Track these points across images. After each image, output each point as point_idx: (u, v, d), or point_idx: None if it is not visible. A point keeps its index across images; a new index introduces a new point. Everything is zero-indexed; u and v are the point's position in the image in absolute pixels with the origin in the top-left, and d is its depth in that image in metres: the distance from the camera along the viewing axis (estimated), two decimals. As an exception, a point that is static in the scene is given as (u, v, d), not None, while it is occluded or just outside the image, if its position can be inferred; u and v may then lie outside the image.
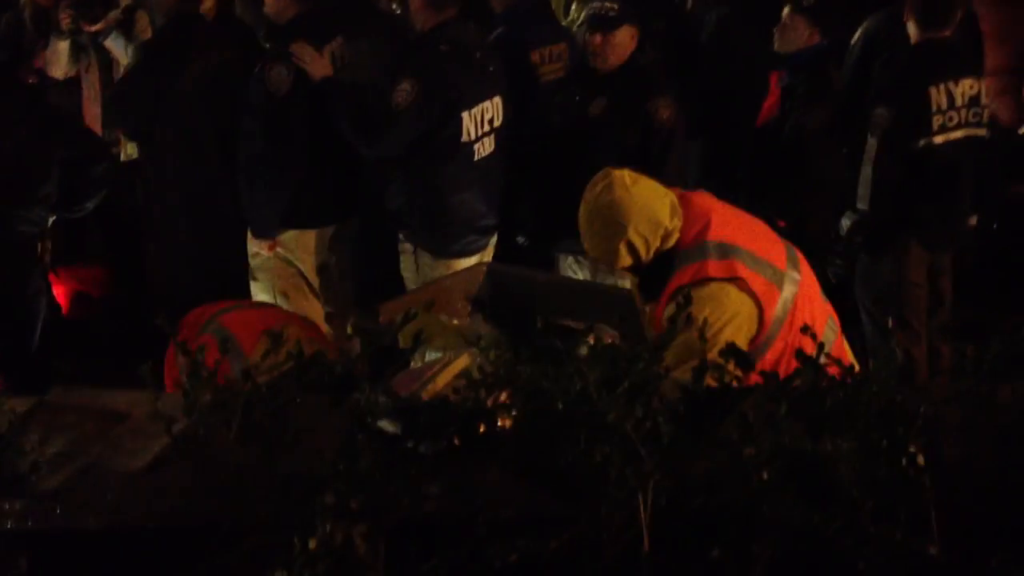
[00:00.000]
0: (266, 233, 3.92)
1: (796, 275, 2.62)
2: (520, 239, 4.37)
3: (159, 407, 1.66)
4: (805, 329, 1.68)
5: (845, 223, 3.96)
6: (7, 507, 1.59)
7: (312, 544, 1.34)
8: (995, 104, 2.56)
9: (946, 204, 3.95)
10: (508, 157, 4.14)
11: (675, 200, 2.61)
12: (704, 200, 2.70)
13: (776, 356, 2.55)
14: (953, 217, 4.00)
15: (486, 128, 4.07)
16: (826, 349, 2.40)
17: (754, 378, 1.60)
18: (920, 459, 1.44)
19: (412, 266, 4.13)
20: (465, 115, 3.95)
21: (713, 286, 2.49)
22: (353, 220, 4.16)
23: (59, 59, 4.55)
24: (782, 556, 1.29)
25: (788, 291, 2.58)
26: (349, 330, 3.15)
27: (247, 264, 3.98)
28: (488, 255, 4.23)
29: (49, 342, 3.61)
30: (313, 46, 3.79)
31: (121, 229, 4.64)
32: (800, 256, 2.75)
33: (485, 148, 4.08)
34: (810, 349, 1.62)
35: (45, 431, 1.78)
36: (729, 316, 2.48)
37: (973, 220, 4.14)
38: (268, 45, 4.03)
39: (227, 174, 3.87)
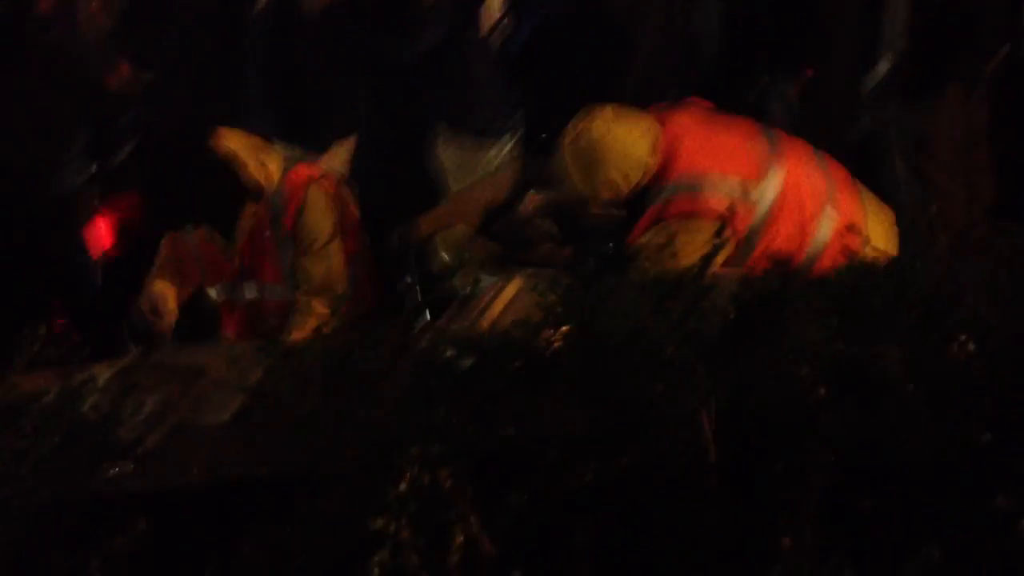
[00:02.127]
0: None
1: (777, 176, 2.66)
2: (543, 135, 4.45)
3: (236, 364, 1.77)
4: (851, 228, 1.73)
5: (880, 69, 3.92)
6: (119, 470, 1.70)
7: (403, 488, 1.44)
8: None
9: (979, 37, 3.90)
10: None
11: (656, 135, 2.64)
12: (678, 126, 2.72)
13: (765, 248, 2.63)
14: (987, 49, 3.96)
15: (496, 16, 4.13)
16: (829, 229, 2.47)
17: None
18: (970, 346, 1.50)
19: (450, 156, 4.24)
20: (481, 7, 4.00)
21: (680, 222, 2.55)
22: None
23: None
24: (843, 461, 1.37)
25: (766, 197, 2.63)
26: (391, 243, 3.25)
27: None
28: (518, 132, 4.34)
29: (109, 282, 3.72)
30: None
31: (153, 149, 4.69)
32: (786, 143, 2.77)
33: (499, 36, 4.15)
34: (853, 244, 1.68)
35: (135, 395, 1.89)
36: (697, 248, 2.53)
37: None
38: None
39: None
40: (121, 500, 1.68)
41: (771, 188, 2.64)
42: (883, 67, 3.90)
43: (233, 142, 2.91)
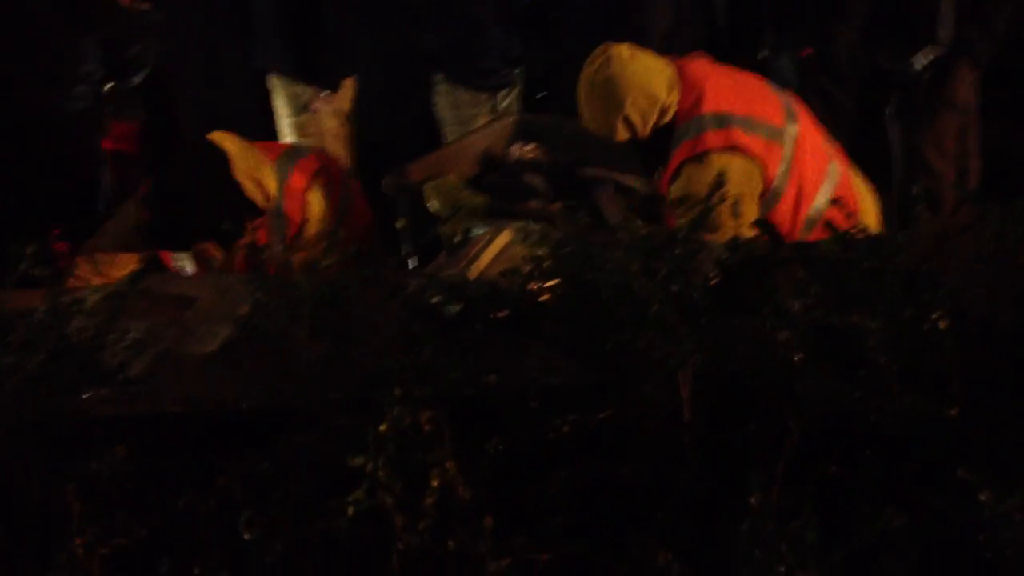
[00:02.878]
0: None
1: (794, 128, 2.69)
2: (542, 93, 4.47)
3: (226, 296, 1.78)
4: (835, 201, 1.75)
5: (923, 59, 3.91)
6: (101, 395, 1.72)
7: (383, 428, 1.47)
8: None
9: (991, 18, 3.93)
10: None
11: (673, 74, 2.65)
12: (698, 69, 2.73)
13: (783, 204, 2.66)
14: (996, 29, 3.98)
15: None
16: (828, 195, 2.50)
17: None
18: (943, 324, 1.53)
19: (448, 104, 4.23)
20: None
21: (714, 157, 2.56)
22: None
23: None
24: (814, 426, 1.40)
25: (788, 145, 2.66)
26: (384, 187, 3.26)
27: None
28: (517, 86, 4.33)
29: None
30: None
31: (154, 84, 4.67)
32: (797, 106, 2.80)
33: None
34: (838, 216, 1.70)
35: (121, 320, 1.90)
36: (736, 183, 2.56)
37: None
38: None
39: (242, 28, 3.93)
40: (101, 424, 1.70)
41: (789, 140, 2.66)
42: (929, 54, 3.90)
43: (229, 151, 2.85)
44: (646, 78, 2.63)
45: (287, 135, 4.32)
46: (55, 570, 1.37)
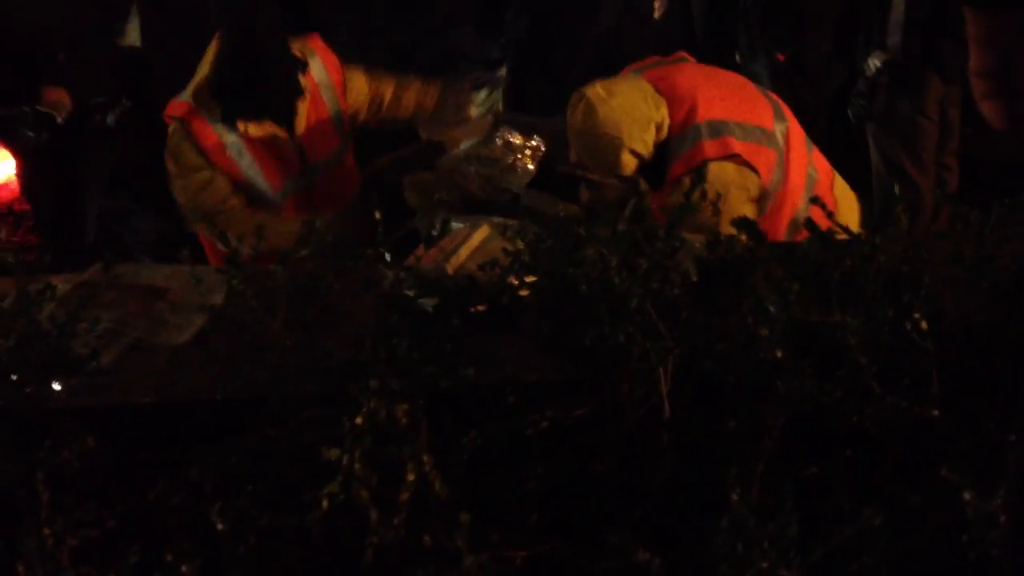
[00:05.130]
0: None
1: (784, 127, 2.69)
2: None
3: (199, 286, 1.76)
4: (814, 200, 1.75)
5: (874, 63, 3.94)
6: (70, 385, 1.69)
7: (359, 421, 1.45)
8: (983, 107, 2.57)
9: (959, 32, 3.95)
10: None
11: (651, 89, 2.63)
12: (687, 78, 2.72)
13: (774, 206, 2.66)
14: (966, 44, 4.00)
15: None
16: (812, 190, 2.51)
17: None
18: (924, 324, 1.54)
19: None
20: None
21: (713, 166, 2.55)
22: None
23: None
24: (793, 423, 1.40)
25: (780, 147, 2.65)
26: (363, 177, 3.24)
27: None
28: (499, 88, 4.31)
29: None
30: None
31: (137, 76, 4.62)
32: (783, 105, 2.80)
33: None
34: (818, 217, 1.70)
35: (92, 310, 1.87)
36: (734, 191, 2.55)
37: None
38: None
39: None
40: (72, 413, 1.67)
41: (780, 140, 2.67)
42: (879, 59, 3.92)
43: None
44: (632, 106, 2.61)
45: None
46: (24, 560, 1.34)
